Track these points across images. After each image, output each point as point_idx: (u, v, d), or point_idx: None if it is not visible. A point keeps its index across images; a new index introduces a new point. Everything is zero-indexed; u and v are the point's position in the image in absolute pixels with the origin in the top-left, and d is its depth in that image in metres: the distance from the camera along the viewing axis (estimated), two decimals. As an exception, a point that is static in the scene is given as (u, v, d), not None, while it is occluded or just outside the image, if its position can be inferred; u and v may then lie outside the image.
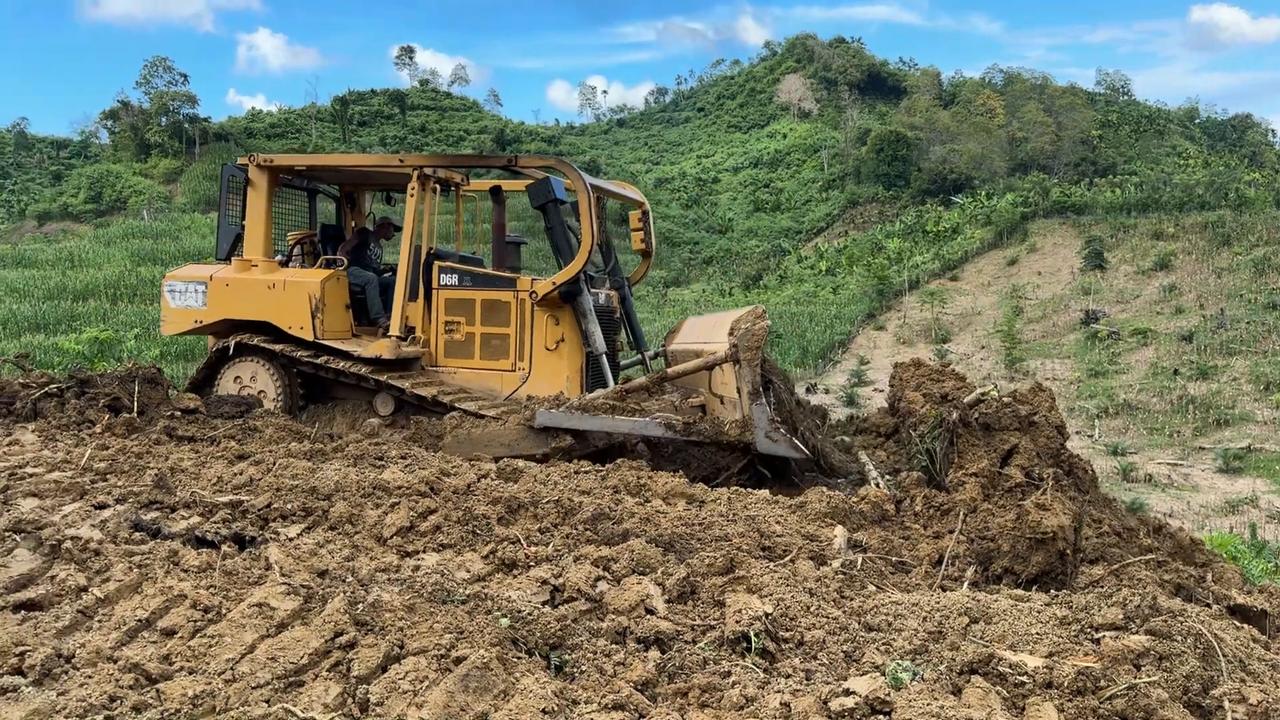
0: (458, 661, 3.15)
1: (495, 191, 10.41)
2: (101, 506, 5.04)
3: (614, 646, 3.54)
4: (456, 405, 8.70)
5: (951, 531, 5.71)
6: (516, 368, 9.24)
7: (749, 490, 7.09)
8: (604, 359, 9.11)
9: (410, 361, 9.41)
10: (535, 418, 7.80)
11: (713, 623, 3.82)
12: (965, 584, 4.84)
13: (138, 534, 4.49)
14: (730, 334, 7.49)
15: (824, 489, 6.65)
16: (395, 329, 9.26)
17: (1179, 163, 78.33)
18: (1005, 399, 6.46)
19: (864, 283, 46.07)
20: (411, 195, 9.40)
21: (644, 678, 3.26)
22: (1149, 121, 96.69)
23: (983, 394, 6.66)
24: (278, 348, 9.41)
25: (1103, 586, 4.61)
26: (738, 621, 3.64)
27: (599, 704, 3.01)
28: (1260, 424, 26.06)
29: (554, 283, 9.02)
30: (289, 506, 5.16)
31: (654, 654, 3.53)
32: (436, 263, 9.55)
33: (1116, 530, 5.94)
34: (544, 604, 3.97)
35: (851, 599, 4.18)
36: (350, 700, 3.01)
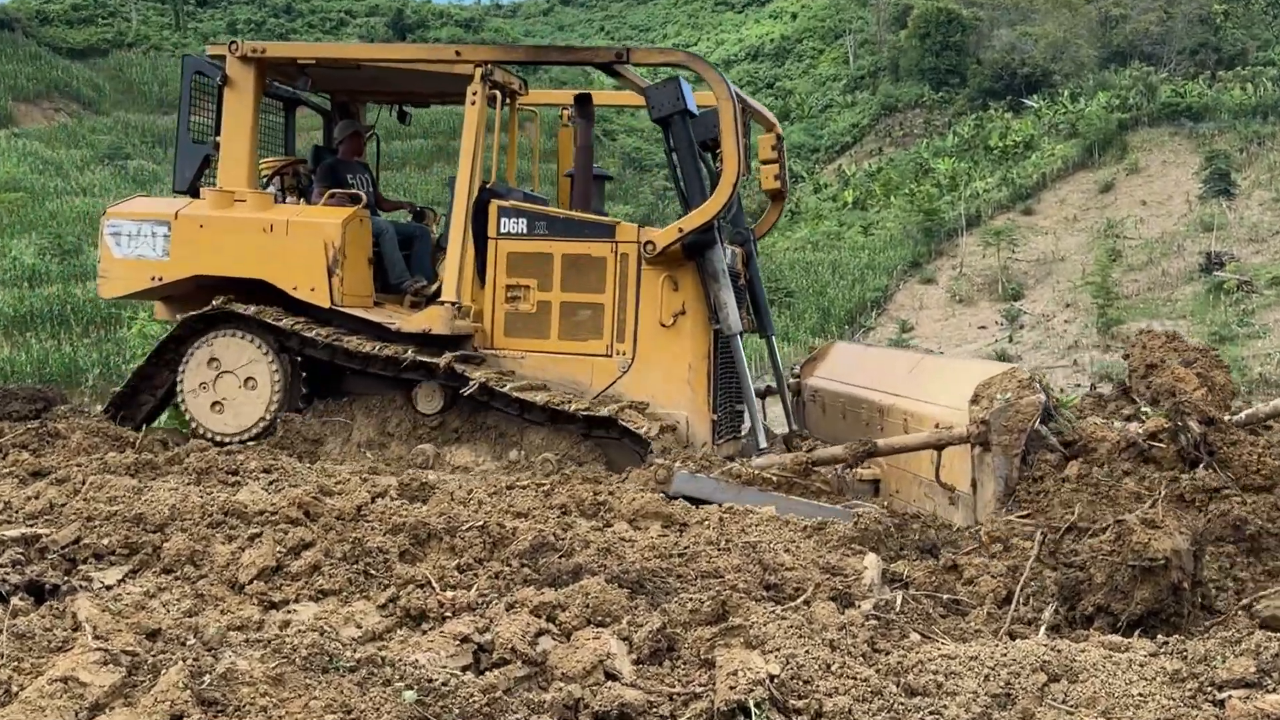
0: (344, 752, 3.16)
1: (582, 102, 10.17)
2: None
3: (562, 726, 3.56)
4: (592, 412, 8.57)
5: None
6: (614, 351, 9.07)
7: (749, 508, 7.13)
8: (739, 342, 9.03)
9: (457, 341, 9.17)
10: (671, 480, 7.67)
11: (698, 689, 3.84)
12: (1042, 628, 4.90)
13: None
14: (975, 402, 7.24)
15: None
16: (450, 292, 9.02)
17: (1333, 48, 78.85)
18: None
19: (906, 219, 46.09)
20: (473, 102, 9.17)
21: (603, 768, 3.28)
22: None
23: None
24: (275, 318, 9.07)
25: (1229, 628, 4.68)
26: (732, 688, 3.66)
27: (541, 805, 3.02)
28: None
29: (681, 229, 8.77)
30: (106, 542, 5.16)
31: (618, 735, 3.55)
32: (494, 202, 9.33)
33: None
34: (465, 669, 3.98)
35: (887, 653, 4.21)
36: (194, 809, 3.00)
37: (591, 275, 9.14)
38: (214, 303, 9.20)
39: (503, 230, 9.28)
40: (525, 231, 9.25)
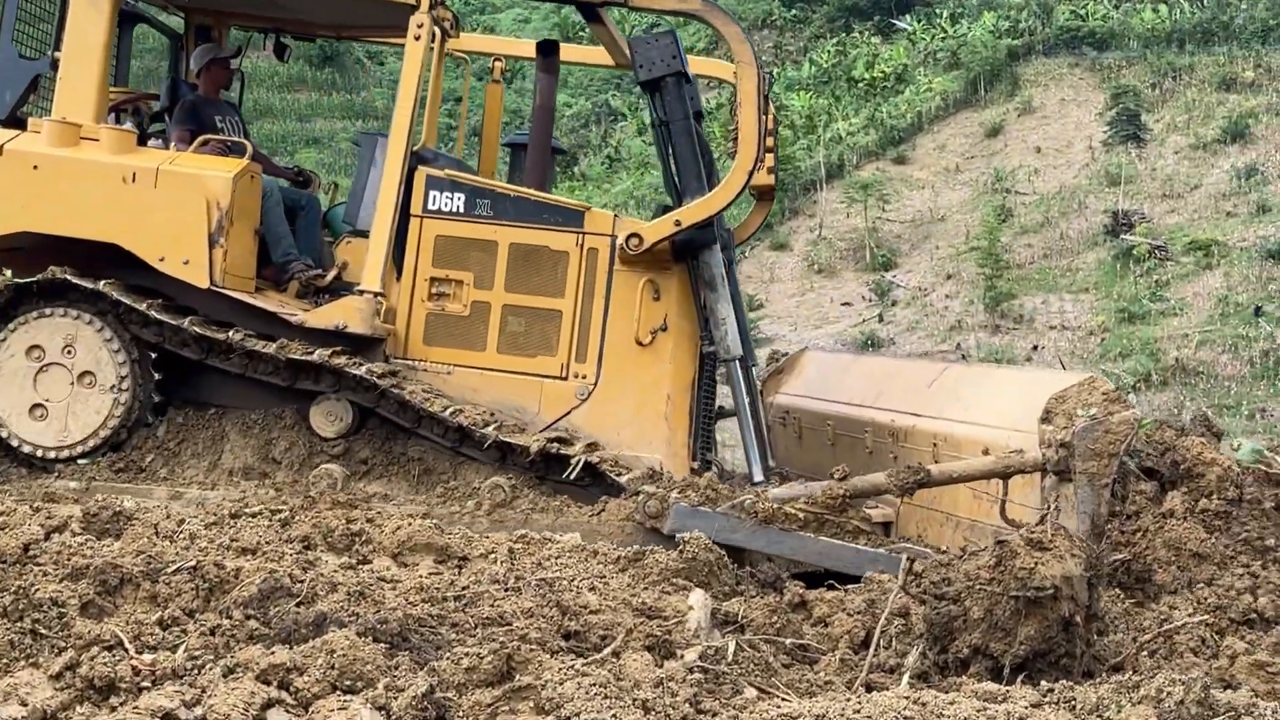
0: None
1: (546, 49, 10.22)
2: None
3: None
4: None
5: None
6: (571, 373, 9.01)
7: (548, 537, 7.14)
8: (737, 369, 9.02)
9: (366, 344, 9.04)
10: (666, 515, 7.61)
11: (472, 771, 3.82)
12: (905, 677, 4.99)
13: None
14: (1045, 421, 7.31)
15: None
16: (372, 280, 8.86)
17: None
18: None
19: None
20: (417, 37, 9.02)
21: None
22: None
23: None
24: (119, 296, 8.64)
25: (1128, 671, 4.83)
26: (515, 766, 3.65)
27: None
28: (1387, 392, 27.76)
29: (678, 221, 8.76)
30: None
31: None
32: (423, 170, 9.20)
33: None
34: (168, 756, 3.91)
35: (715, 714, 4.24)
36: None
37: (547, 273, 9.11)
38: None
39: (431, 207, 9.20)
40: (462, 211, 9.19)
